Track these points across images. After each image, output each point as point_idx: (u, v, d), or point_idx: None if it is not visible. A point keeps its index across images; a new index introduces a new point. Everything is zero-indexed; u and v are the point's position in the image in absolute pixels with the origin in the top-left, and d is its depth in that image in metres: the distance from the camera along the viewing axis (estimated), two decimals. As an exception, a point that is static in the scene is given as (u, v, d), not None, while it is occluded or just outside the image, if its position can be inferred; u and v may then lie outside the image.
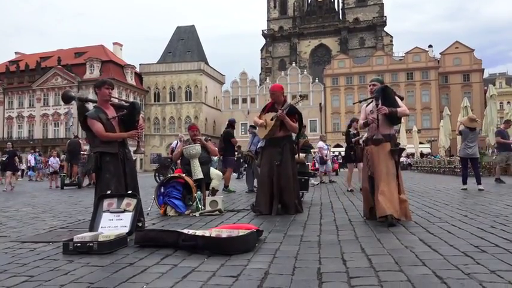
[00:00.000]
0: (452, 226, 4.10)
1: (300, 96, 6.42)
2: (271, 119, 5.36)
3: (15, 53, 64.58)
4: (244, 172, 13.92)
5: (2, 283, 2.48)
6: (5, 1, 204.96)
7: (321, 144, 13.80)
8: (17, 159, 14.64)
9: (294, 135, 5.63)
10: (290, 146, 5.46)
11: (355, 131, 9.28)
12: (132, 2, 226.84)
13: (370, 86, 4.78)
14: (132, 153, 4.45)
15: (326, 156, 13.62)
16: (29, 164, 25.60)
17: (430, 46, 58.04)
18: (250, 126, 10.78)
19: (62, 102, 55.47)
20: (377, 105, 4.45)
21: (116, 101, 4.51)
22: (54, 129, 56.10)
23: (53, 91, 56.10)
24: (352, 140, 9.17)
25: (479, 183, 8.81)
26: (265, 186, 5.35)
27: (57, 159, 16.63)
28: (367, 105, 4.83)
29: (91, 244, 3.20)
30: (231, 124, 10.51)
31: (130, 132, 4.23)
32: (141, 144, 4.59)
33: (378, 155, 4.44)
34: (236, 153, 11.57)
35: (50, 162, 16.56)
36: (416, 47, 56.67)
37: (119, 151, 4.17)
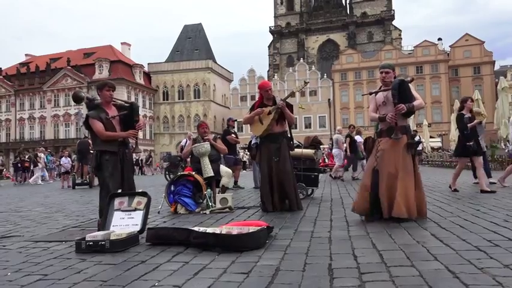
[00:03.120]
0: (465, 220, 4.06)
1: (304, 82, 6.40)
2: (269, 113, 5.34)
3: (26, 55, 65.25)
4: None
5: (16, 282, 2.52)
6: (16, 5, 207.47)
7: (341, 138, 13.70)
8: None
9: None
10: (287, 142, 5.47)
11: (469, 114, 7.31)
12: (139, 1, 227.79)
13: (382, 73, 4.44)
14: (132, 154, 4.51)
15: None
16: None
17: (440, 39, 57.45)
18: None
19: (72, 103, 56.08)
20: (395, 103, 4.17)
21: (119, 102, 4.55)
22: (65, 130, 56.70)
23: (63, 92, 56.63)
24: (468, 125, 7.16)
25: (489, 176, 8.72)
26: (267, 184, 5.34)
27: (69, 159, 16.80)
28: (376, 95, 4.53)
29: (103, 243, 3.24)
30: (228, 122, 10.74)
31: (129, 131, 4.29)
32: (138, 143, 4.60)
33: (394, 149, 4.18)
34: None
35: (61, 162, 16.76)
36: (426, 40, 56.12)
37: (119, 150, 4.24)
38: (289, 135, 5.56)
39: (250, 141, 6.98)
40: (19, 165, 20.39)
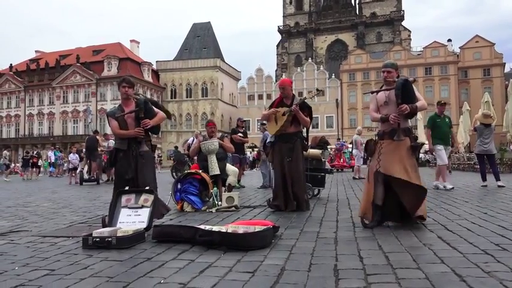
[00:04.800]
0: (472, 223, 4.03)
1: (317, 90, 6.42)
2: (283, 114, 5.34)
3: (36, 51, 65.80)
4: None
5: (24, 276, 2.54)
6: (28, 3, 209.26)
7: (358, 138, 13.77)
8: None
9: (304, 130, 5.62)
10: (301, 142, 5.46)
11: None
12: (149, 0, 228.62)
13: (384, 72, 4.30)
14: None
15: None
16: (49, 161, 26.16)
17: (449, 40, 57.02)
18: (261, 123, 11.04)
19: (80, 100, 56.64)
20: (398, 104, 4.05)
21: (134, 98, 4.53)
22: (74, 126, 57.09)
23: (72, 88, 57.06)
24: None
25: (498, 179, 8.64)
26: (279, 183, 5.35)
27: (77, 155, 16.94)
28: (377, 94, 4.39)
29: (110, 239, 3.26)
30: (237, 122, 11.19)
31: (135, 129, 4.23)
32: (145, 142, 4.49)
33: (397, 152, 4.06)
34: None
35: (69, 159, 16.90)
36: (435, 41, 55.69)
37: (131, 148, 4.23)
38: (303, 135, 5.55)
39: (266, 139, 7.02)
40: (30, 161, 20.57)
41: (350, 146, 19.80)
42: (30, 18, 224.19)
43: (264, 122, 10.99)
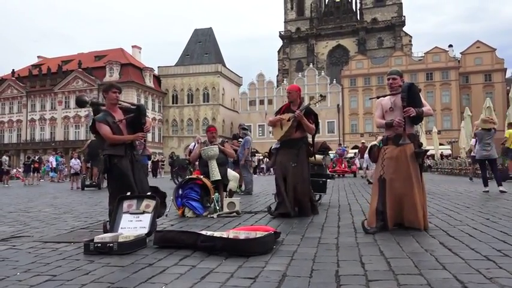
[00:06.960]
0: (474, 229, 4.02)
1: (320, 96, 6.43)
2: (288, 120, 5.34)
3: (38, 57, 66.05)
4: None
5: (26, 282, 2.55)
6: (33, 9, 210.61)
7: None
8: None
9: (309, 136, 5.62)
10: (306, 148, 5.45)
11: None
12: (151, 6, 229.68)
13: (389, 80, 4.32)
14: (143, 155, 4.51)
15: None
16: (50, 166, 26.16)
17: (450, 46, 57.07)
18: (242, 128, 10.71)
19: (82, 105, 56.68)
20: (404, 106, 4.04)
21: (125, 104, 4.54)
22: (75, 131, 57.18)
23: (74, 94, 57.11)
24: None
25: (499, 184, 8.63)
26: (280, 188, 5.33)
27: (78, 160, 16.95)
28: (382, 101, 4.40)
29: (111, 245, 3.26)
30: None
31: (136, 134, 4.27)
32: (146, 147, 4.60)
33: (401, 158, 4.06)
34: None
35: (71, 164, 16.91)
36: (436, 47, 55.76)
37: (126, 153, 4.23)
38: (309, 141, 5.54)
39: (271, 146, 7.05)
40: (31, 166, 20.56)
41: (355, 150, 19.78)
42: (33, 24, 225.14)
43: (245, 127, 10.96)
